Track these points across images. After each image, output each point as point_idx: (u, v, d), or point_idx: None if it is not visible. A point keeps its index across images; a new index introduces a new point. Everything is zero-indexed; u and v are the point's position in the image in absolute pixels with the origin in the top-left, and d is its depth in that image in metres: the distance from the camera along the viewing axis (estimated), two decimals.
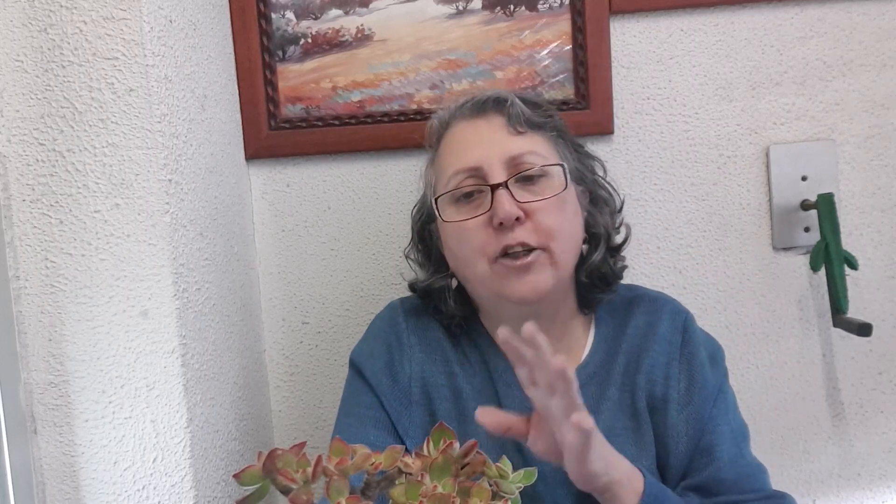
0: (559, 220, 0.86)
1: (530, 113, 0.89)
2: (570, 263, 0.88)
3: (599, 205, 0.94)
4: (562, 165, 0.88)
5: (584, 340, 0.94)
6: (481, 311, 0.95)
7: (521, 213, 0.83)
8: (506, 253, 0.84)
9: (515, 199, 0.83)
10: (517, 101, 0.89)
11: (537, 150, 0.87)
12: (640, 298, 0.96)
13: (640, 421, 0.89)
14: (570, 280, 0.91)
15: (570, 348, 0.93)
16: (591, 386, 0.91)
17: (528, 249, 0.84)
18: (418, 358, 0.93)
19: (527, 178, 0.86)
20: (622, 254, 0.96)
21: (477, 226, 0.85)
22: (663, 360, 0.91)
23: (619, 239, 0.96)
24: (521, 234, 0.83)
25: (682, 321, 0.93)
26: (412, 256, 0.99)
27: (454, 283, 0.95)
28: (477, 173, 0.86)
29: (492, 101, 0.90)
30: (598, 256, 0.92)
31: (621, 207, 0.98)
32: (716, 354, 0.94)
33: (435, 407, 0.91)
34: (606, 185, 0.96)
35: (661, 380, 0.90)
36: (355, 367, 0.95)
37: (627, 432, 0.89)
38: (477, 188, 0.86)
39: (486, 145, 0.87)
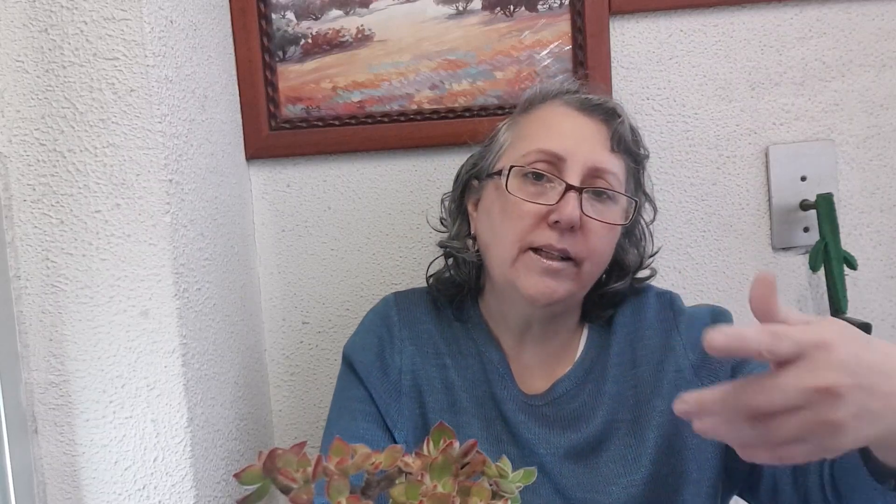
0: (603, 245, 0.87)
1: (630, 139, 0.90)
2: (589, 285, 0.89)
3: (632, 239, 0.95)
4: (635, 202, 0.90)
5: (579, 340, 0.95)
6: (486, 295, 0.95)
7: (578, 223, 0.83)
8: (541, 248, 0.84)
9: (582, 209, 0.84)
10: (627, 121, 0.90)
11: (619, 174, 0.88)
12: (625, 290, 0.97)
13: (641, 411, 0.89)
14: (581, 297, 0.93)
15: (566, 350, 0.94)
16: (589, 383, 0.91)
17: (562, 257, 0.84)
18: (409, 351, 0.94)
19: (597, 194, 0.86)
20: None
21: (532, 211, 0.85)
22: (661, 340, 0.91)
23: (643, 274, 0.97)
24: (567, 242, 0.83)
25: (668, 299, 0.94)
26: (446, 203, 1.00)
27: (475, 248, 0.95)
28: (557, 162, 0.86)
29: (603, 108, 0.89)
30: (621, 285, 0.93)
31: (654, 254, 0.98)
32: (717, 313, 0.93)
33: (425, 399, 0.92)
34: (646, 227, 0.96)
35: (668, 356, 0.89)
36: (347, 361, 0.96)
37: (628, 424, 0.88)
38: (550, 177, 0.86)
39: (580, 143, 0.87)
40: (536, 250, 0.84)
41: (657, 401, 0.88)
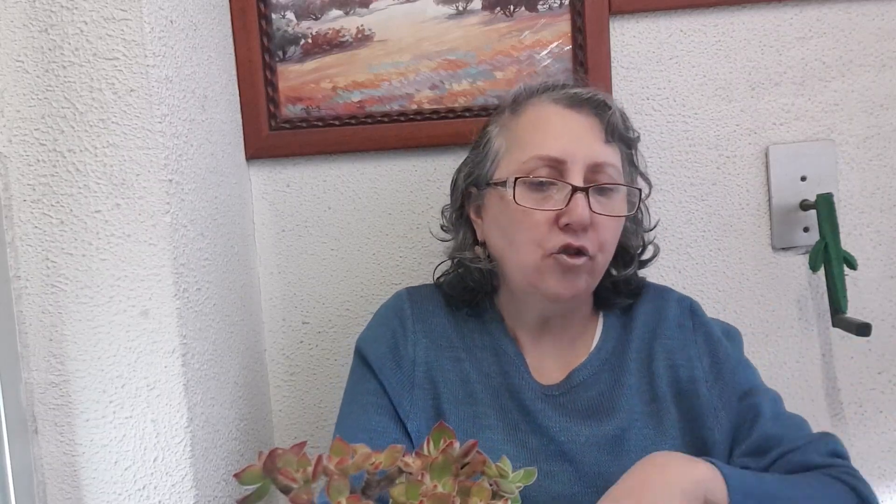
0: (613, 236, 0.89)
1: (623, 127, 0.90)
2: (602, 274, 0.91)
3: (635, 223, 0.96)
4: (639, 190, 0.91)
5: (594, 330, 0.96)
6: (502, 293, 0.96)
7: (589, 223, 0.84)
8: (560, 251, 0.85)
9: (590, 208, 0.85)
10: (617, 111, 0.90)
11: (616, 164, 0.89)
12: (645, 287, 0.98)
13: (659, 406, 0.90)
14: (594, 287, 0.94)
15: (581, 339, 0.95)
16: (605, 372, 0.92)
17: (580, 253, 0.85)
18: (423, 343, 0.94)
19: (601, 190, 0.87)
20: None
21: (543, 218, 0.86)
22: (678, 343, 0.92)
23: (647, 255, 0.98)
24: (583, 240, 0.85)
25: (689, 305, 0.96)
26: (446, 214, 1.00)
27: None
28: (558, 165, 0.86)
29: (593, 102, 0.89)
30: (630, 271, 0.94)
31: (653, 228, 0.99)
32: (730, 332, 0.97)
33: (440, 391, 0.92)
34: (644, 206, 0.97)
35: (684, 362, 0.91)
36: (359, 354, 0.96)
37: (646, 417, 0.90)
38: (554, 182, 0.86)
39: (576, 142, 0.87)
40: (556, 253, 0.85)
41: (672, 405, 0.90)
